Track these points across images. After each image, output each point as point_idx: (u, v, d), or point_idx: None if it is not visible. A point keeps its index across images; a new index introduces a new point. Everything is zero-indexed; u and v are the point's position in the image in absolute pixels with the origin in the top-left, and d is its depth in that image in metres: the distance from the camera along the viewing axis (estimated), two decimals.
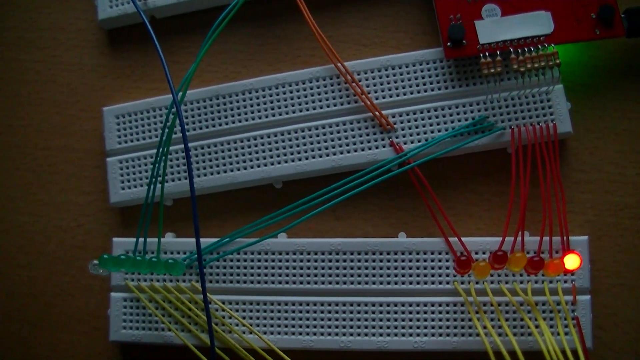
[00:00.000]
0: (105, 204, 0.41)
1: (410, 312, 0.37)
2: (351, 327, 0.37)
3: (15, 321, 0.42)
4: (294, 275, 0.37)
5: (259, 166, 0.39)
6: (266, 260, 0.38)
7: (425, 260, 0.37)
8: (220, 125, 0.39)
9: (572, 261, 0.35)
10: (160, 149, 0.37)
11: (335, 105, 0.39)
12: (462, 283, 0.37)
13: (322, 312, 0.37)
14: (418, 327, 0.36)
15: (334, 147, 0.38)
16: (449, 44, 0.37)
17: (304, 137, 0.38)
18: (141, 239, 0.38)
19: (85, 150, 0.42)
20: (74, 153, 0.43)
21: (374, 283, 0.37)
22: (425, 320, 0.36)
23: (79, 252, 0.42)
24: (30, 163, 0.43)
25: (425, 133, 0.38)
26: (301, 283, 0.37)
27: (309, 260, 0.37)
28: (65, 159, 0.43)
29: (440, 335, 0.36)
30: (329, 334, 0.37)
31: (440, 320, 0.36)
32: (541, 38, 0.36)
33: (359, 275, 0.37)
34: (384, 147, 0.38)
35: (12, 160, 0.43)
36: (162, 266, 0.36)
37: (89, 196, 0.42)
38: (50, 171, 0.43)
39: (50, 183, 0.43)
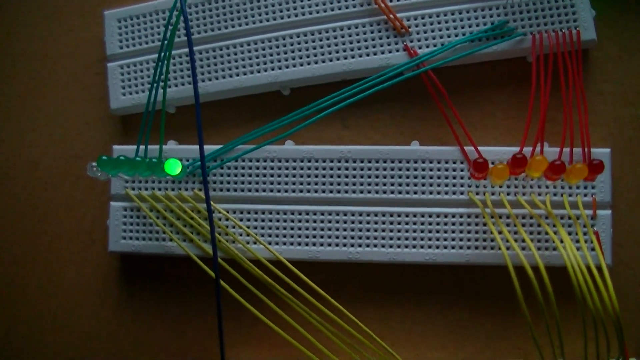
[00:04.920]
0: (106, 112, 0.40)
1: (422, 223, 0.35)
2: (360, 237, 0.35)
3: (10, 235, 0.41)
4: (301, 184, 0.36)
5: (266, 70, 0.37)
6: (272, 168, 0.36)
7: (439, 170, 0.35)
8: (226, 28, 0.38)
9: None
10: (163, 51, 0.35)
11: (347, 8, 0.37)
12: (477, 194, 0.35)
13: (329, 222, 0.36)
14: (430, 239, 0.35)
15: (345, 51, 0.36)
16: None
17: (313, 41, 0.37)
18: (142, 147, 0.36)
19: (85, 57, 0.41)
20: (74, 61, 0.41)
21: (384, 192, 0.35)
22: (438, 232, 0.35)
23: (78, 162, 0.40)
24: (29, 72, 0.41)
25: (441, 37, 0.36)
26: (308, 192, 0.36)
27: (316, 168, 0.36)
28: (65, 66, 0.41)
29: (453, 247, 0.35)
30: (337, 245, 0.35)
31: (453, 232, 0.35)
32: None
33: (369, 184, 0.36)
34: (397, 51, 0.36)
35: (10, 69, 0.42)
36: (162, 167, 0.34)
37: (89, 104, 0.40)
38: (49, 80, 0.41)
39: (49, 92, 0.41)
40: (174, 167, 0.35)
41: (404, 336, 0.37)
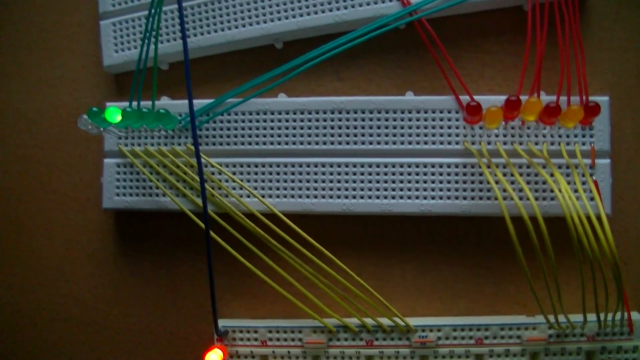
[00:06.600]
0: (100, 74, 0.40)
1: (417, 174, 0.35)
2: (354, 189, 0.35)
3: (8, 199, 0.41)
4: (294, 136, 0.35)
5: (258, 23, 0.37)
6: (265, 121, 0.36)
7: (434, 119, 0.35)
8: None
9: None
10: (154, 6, 0.35)
11: None
12: (473, 144, 0.34)
13: (324, 173, 0.35)
14: (425, 190, 0.34)
15: (337, 2, 0.36)
16: None
17: None
18: (134, 103, 0.36)
19: (80, 23, 0.41)
20: (69, 27, 0.41)
21: (378, 143, 0.35)
22: (433, 182, 0.34)
23: (73, 126, 0.40)
24: (24, 39, 0.41)
25: None
26: (302, 144, 0.35)
27: (310, 120, 0.35)
28: (58, 28, 0.41)
29: (449, 198, 0.34)
30: (331, 197, 0.35)
31: (449, 182, 0.34)
32: None
33: (363, 135, 0.35)
34: (390, 1, 0.35)
35: (5, 39, 0.42)
36: (153, 116, 0.34)
37: (84, 68, 0.40)
38: (44, 47, 0.41)
39: (43, 59, 0.41)
40: (168, 122, 0.35)
41: (400, 289, 0.36)
